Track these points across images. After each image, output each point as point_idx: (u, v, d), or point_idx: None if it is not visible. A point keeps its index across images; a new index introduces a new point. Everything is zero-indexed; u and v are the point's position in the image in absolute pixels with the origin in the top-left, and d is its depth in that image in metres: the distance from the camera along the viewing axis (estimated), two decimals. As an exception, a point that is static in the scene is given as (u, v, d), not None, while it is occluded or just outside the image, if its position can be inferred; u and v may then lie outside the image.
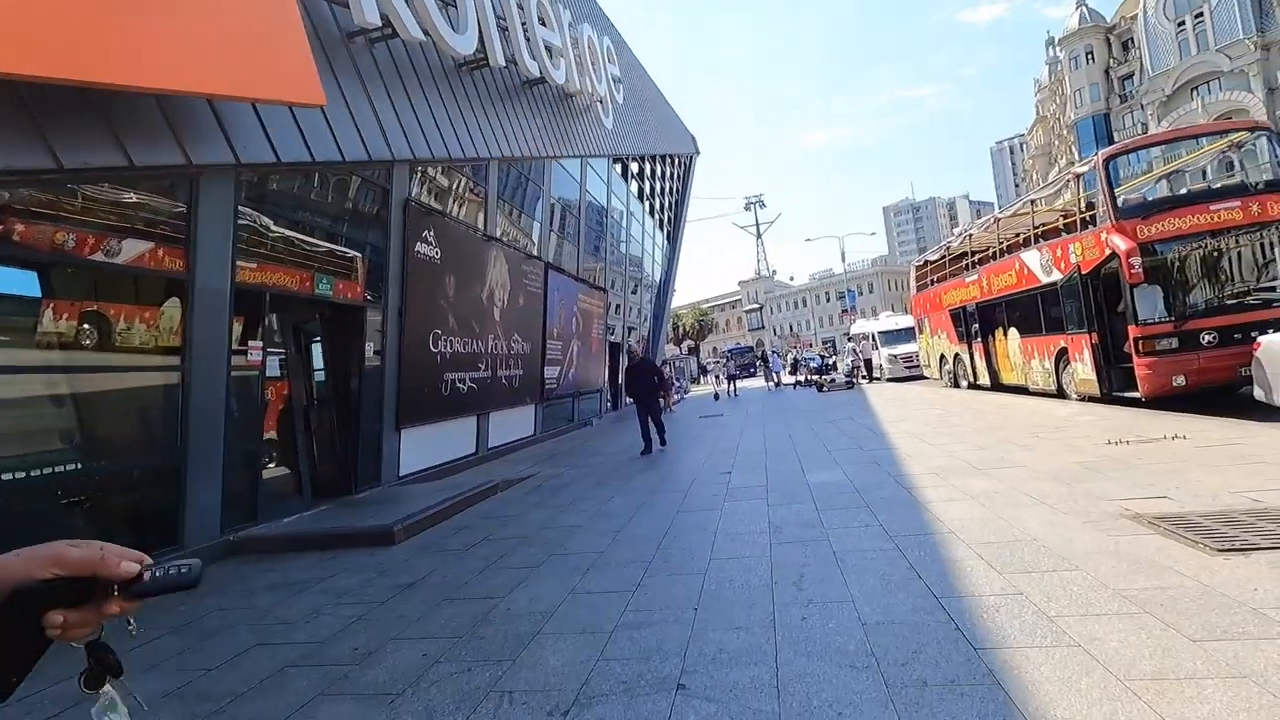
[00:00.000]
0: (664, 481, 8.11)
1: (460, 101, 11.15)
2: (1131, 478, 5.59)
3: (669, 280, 35.11)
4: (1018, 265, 13.11)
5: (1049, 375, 12.31)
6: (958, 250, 17.16)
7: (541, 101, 14.89)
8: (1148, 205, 9.98)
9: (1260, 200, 9.19)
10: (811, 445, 9.69)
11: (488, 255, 12.03)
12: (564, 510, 6.94)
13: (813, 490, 6.54)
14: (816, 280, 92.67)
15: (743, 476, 7.73)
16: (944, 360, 18.52)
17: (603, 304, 20.55)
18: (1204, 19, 46.93)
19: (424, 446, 10.07)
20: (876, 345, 27.20)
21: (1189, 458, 6.06)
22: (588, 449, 12.66)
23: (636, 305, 27.63)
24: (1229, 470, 5.46)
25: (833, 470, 7.52)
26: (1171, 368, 9.15)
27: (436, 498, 7.69)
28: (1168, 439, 7.05)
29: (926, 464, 7.23)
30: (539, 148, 14.33)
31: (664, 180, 32.78)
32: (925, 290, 19.62)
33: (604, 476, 8.90)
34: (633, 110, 23.62)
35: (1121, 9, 53.70)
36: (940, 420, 10.91)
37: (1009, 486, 5.78)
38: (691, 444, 11.76)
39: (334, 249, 8.21)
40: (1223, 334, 9.02)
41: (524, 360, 13.82)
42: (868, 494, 6.10)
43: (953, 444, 8.44)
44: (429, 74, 10.15)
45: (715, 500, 6.56)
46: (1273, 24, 44.41)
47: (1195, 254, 9.25)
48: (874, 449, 8.78)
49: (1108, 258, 9.81)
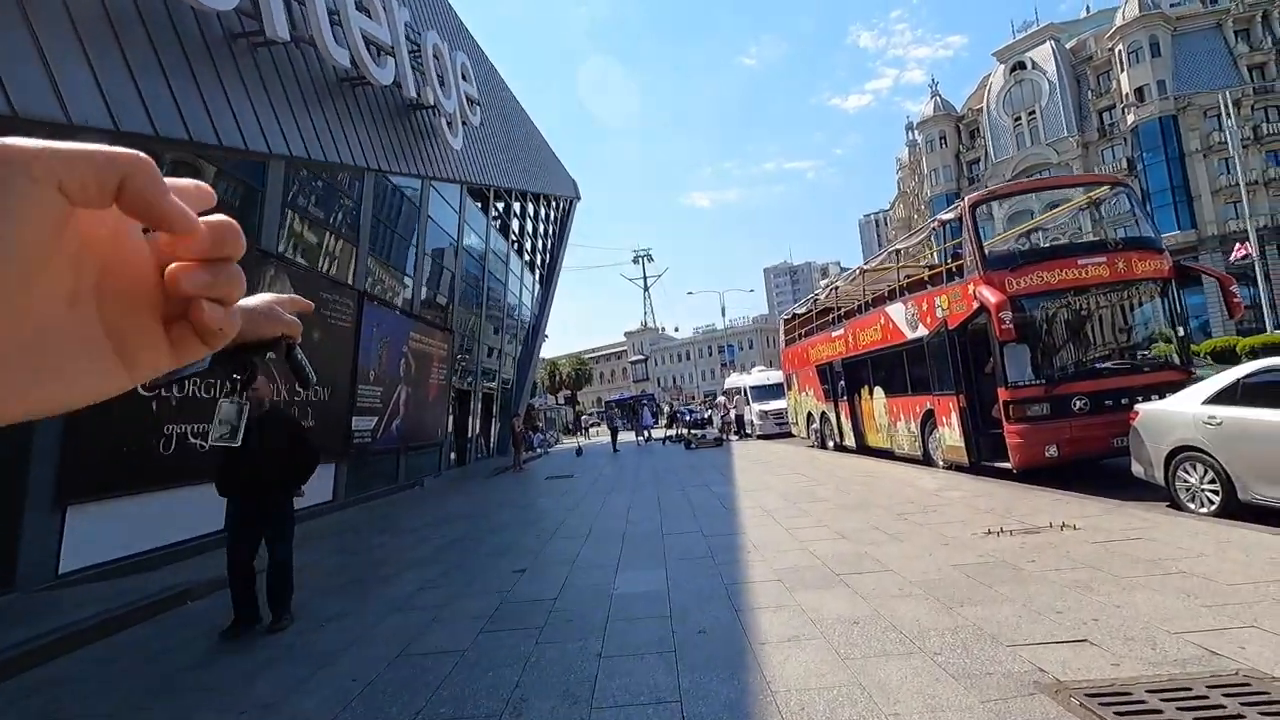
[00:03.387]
0: (422, 592, 5.86)
1: (229, 79, 8.78)
2: (1030, 598, 4.04)
3: (540, 325, 33.06)
4: (883, 320, 12.20)
5: (915, 439, 11.27)
6: (824, 304, 16.38)
7: (369, 107, 12.69)
8: (1016, 256, 9.19)
9: (1125, 257, 8.56)
10: (646, 526, 7.79)
11: (259, 275, 9.46)
12: (238, 654, 4.53)
13: (611, 610, 4.55)
14: (699, 334, 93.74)
15: (534, 583, 5.63)
16: (811, 419, 17.54)
17: (446, 345, 18.09)
18: (1036, 116, 52.53)
19: (122, 528, 7.22)
20: (748, 400, 26.31)
21: (1092, 563, 4.66)
22: (399, 522, 10.09)
23: (496, 347, 25.27)
24: (1150, 588, 4.04)
25: (655, 570, 5.60)
26: (1044, 436, 8.13)
27: (61, 620, 5.01)
28: (1056, 528, 5.73)
29: (774, 564, 5.47)
30: (357, 156, 12.04)
31: (539, 221, 31.08)
32: (794, 345, 18.76)
33: (360, 572, 6.53)
34: (499, 141, 21.83)
35: (969, 101, 59.35)
36: (801, 492, 9.40)
37: (873, 611, 4.07)
38: (506, 523, 9.56)
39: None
40: (1094, 400, 8.14)
41: (319, 409, 11.14)
42: (683, 622, 4.19)
43: (810, 529, 6.81)
44: (168, 29, 7.76)
45: (465, 632, 4.42)
46: (1090, 126, 50.32)
47: (1065, 311, 8.44)
48: (718, 534, 6.99)
49: (975, 312, 8.84)
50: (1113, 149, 48.12)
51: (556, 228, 33.98)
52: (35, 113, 5.91)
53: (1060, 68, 50.90)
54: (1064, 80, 50.73)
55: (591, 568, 5.89)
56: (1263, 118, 43.33)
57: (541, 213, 30.97)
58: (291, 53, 10.23)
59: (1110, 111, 48.70)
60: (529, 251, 30.13)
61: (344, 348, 12.17)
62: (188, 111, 7.89)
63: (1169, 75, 44.45)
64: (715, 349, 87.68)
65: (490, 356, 24.63)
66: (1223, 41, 45.22)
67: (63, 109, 6.16)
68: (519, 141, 24.74)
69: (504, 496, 12.41)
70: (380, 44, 11.93)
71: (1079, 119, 50.36)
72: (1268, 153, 42.98)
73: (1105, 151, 48.80)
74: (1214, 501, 6.03)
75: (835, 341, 14.88)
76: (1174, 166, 44.22)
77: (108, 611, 5.28)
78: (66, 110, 6.19)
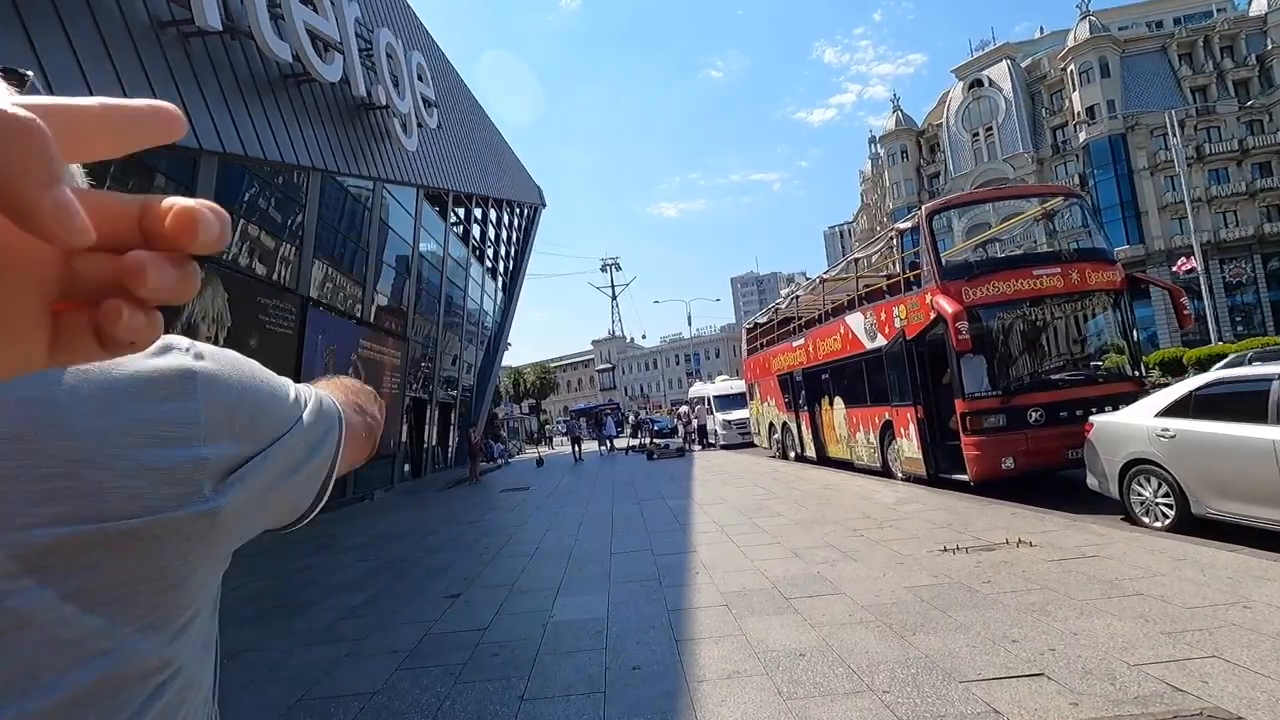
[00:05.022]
0: (342, 622, 5.42)
1: (154, 69, 8.26)
2: (985, 624, 3.82)
3: (502, 333, 32.50)
4: (842, 329, 12.09)
5: (874, 451, 11.14)
6: (785, 313, 16.27)
7: (315, 105, 12.18)
8: (973, 265, 9.12)
9: (1079, 268, 8.54)
10: (595, 544, 7.44)
11: (187, 277, 8.89)
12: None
13: (544, 642, 4.20)
14: (667, 343, 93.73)
15: (466, 611, 5.24)
16: (773, 429, 17.39)
17: (399, 353, 17.50)
18: (993, 133, 53.88)
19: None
20: (712, 410, 26.13)
21: (1049, 583, 4.47)
22: (339, 540, 9.55)
23: (456, 355, 24.67)
24: (1108, 612, 3.85)
25: (597, 594, 5.26)
26: (1000, 448, 8.03)
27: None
28: (1012, 545, 5.56)
29: (723, 586, 5.18)
30: (301, 156, 11.51)
31: (502, 227, 30.57)
32: (756, 354, 18.62)
33: (281, 598, 6.05)
34: (459, 145, 21.35)
35: (929, 116, 60.64)
36: (757, 506, 9.16)
37: (822, 641, 3.80)
38: (448, 542, 9.12)
39: None
40: (1049, 411, 8.07)
41: (255, 420, 10.54)
42: (618, 656, 3.86)
43: (764, 546, 6.55)
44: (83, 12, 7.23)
45: (379, 670, 4.02)
46: (1044, 143, 51.84)
47: (1020, 321, 8.37)
48: (668, 552, 6.68)
49: (933, 322, 8.74)
50: (1065, 165, 49.56)
51: (520, 234, 33.48)
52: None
53: (1016, 86, 52.35)
54: (1019, 98, 52.17)
55: (530, 592, 5.52)
56: (1205, 137, 45.13)
57: (504, 218, 30.47)
58: (228, 44, 9.71)
59: (1063, 129, 50.24)
60: (491, 258, 29.60)
61: (285, 355, 11.58)
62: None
63: (1118, 95, 46.03)
64: (682, 358, 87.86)
65: (449, 365, 24.03)
66: (1168, 64, 47.05)
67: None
68: (480, 146, 24.28)
69: (454, 511, 11.93)
70: (326, 39, 11.43)
71: (1034, 135, 51.84)
72: (1210, 171, 44.74)
73: (1059, 167, 50.25)
74: (1168, 516, 5.93)
75: (796, 351, 14.75)
76: (1123, 183, 45.76)
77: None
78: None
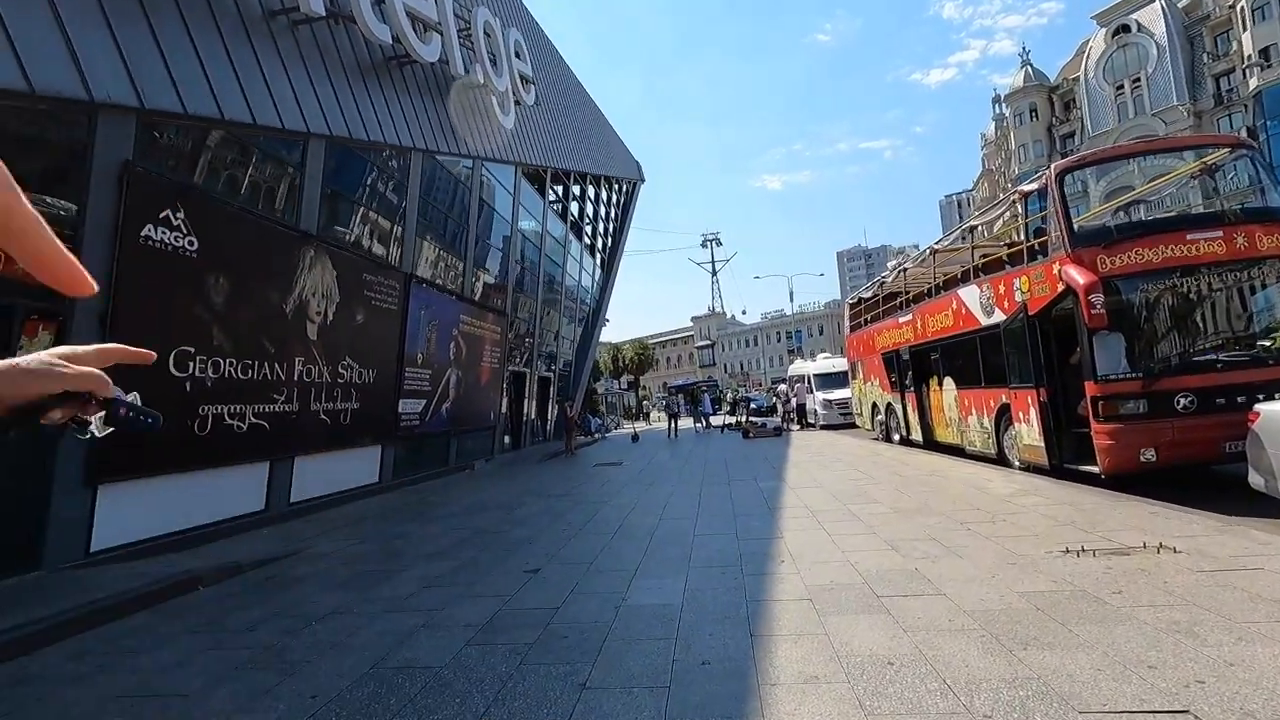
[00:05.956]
0: (424, 592, 5.52)
1: (265, 57, 8.69)
2: (1114, 643, 3.29)
3: (600, 309, 32.80)
4: (955, 304, 11.13)
5: (988, 436, 10.23)
6: (892, 287, 15.26)
7: (415, 85, 12.53)
8: (1111, 231, 8.04)
9: (1246, 230, 7.31)
10: (679, 525, 7.25)
11: (297, 256, 9.40)
12: (221, 650, 4.30)
13: (614, 626, 4.05)
14: (768, 320, 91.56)
15: (542, 587, 5.20)
16: (876, 410, 16.49)
17: (499, 328, 17.97)
18: (1141, 84, 48.08)
19: (157, 506, 7.25)
20: (812, 389, 25.23)
21: (1197, 599, 3.82)
22: (435, 509, 9.95)
23: (554, 331, 25.13)
24: (1274, 639, 3.20)
25: (674, 578, 5.06)
26: (1140, 438, 7.08)
27: (69, 602, 4.95)
28: (1151, 550, 4.84)
29: (808, 579, 4.84)
30: (402, 136, 11.89)
31: (600, 204, 30.70)
32: (859, 331, 17.67)
33: (373, 564, 6.29)
34: (556, 122, 21.48)
35: (1064, 70, 54.98)
36: (855, 491, 8.63)
37: (914, 649, 3.41)
38: (535, 514, 9.22)
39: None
40: (1203, 397, 7.01)
41: (363, 391, 11.12)
42: (688, 648, 3.64)
43: (857, 535, 6.11)
44: (201, 5, 7.67)
45: (450, 644, 4.02)
46: (1204, 93, 45.67)
47: (1168, 294, 7.29)
48: (754, 537, 6.38)
49: (1061, 295, 7.80)
50: (1230, 118, 43.50)
51: (618, 210, 33.51)
52: (55, 89, 5.85)
53: (1171, 29, 46.33)
54: (1175, 43, 46.15)
55: (607, 572, 5.41)
56: None
57: (602, 195, 30.56)
58: (333, 29, 10.10)
59: (1229, 76, 43.99)
60: (589, 234, 29.82)
61: (390, 330, 12.12)
62: (220, 89, 7.79)
63: (1301, 32, 39.67)
64: (783, 335, 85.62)
65: (549, 340, 24.52)
66: (1369, -8, 39.93)
67: (84, 85, 6.08)
68: (577, 122, 24.32)
69: (545, 484, 12.13)
70: (425, 20, 11.67)
71: (1191, 86, 45.77)
72: None
73: (1222, 121, 44.18)
74: (1357, 525, 4.97)
75: (903, 328, 13.82)
76: (1304, 135, 39.55)
77: (118, 595, 5.20)
78: (88, 86, 6.12)
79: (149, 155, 7.18)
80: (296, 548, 7.18)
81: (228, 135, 8.42)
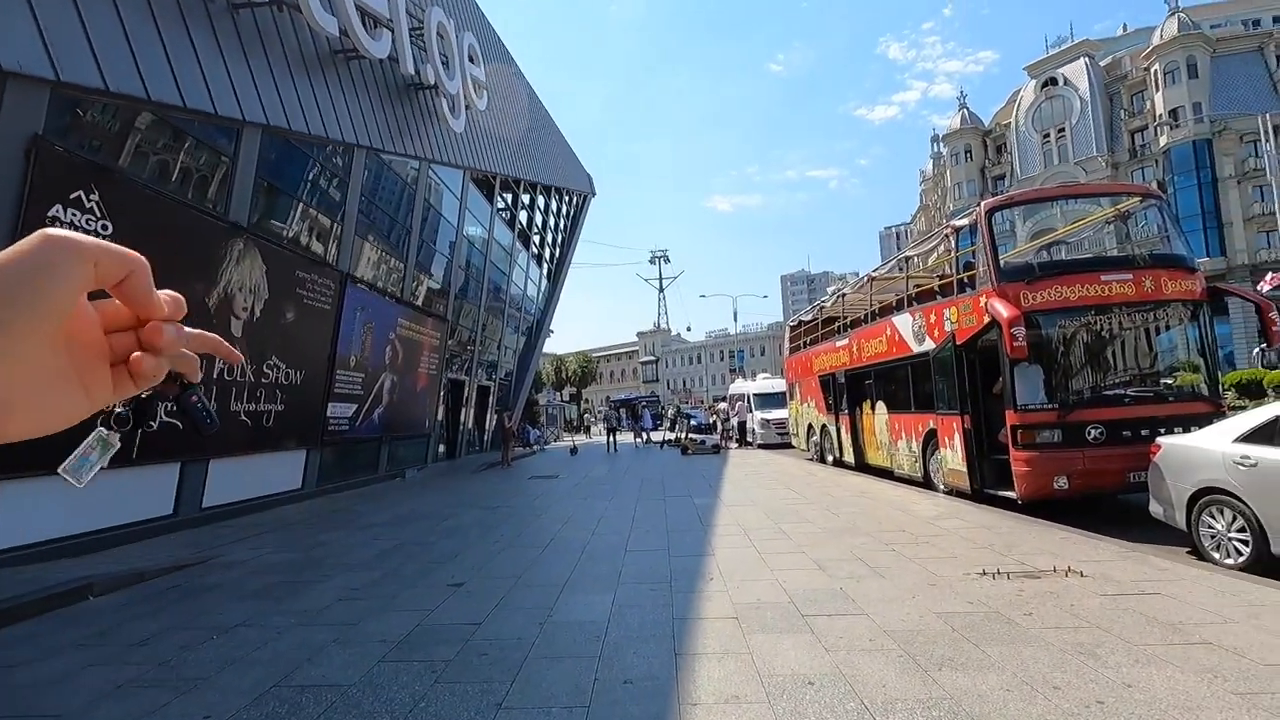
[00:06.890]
0: (339, 604, 5.28)
1: (200, 39, 8.29)
2: (1022, 664, 3.39)
3: (545, 319, 32.53)
4: (889, 331, 11.51)
5: (916, 460, 10.57)
6: (831, 311, 15.67)
7: (362, 81, 12.19)
8: (1034, 268, 8.48)
9: (1153, 274, 7.83)
10: (611, 540, 7.17)
11: (225, 248, 8.95)
12: (105, 666, 3.98)
13: (537, 643, 3.95)
14: (711, 338, 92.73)
15: (465, 602, 5.04)
16: (811, 431, 16.83)
17: (439, 334, 17.57)
18: (1065, 134, 51.29)
19: (53, 507, 6.71)
20: (751, 408, 25.60)
21: (1100, 621, 3.99)
22: (360, 518, 9.55)
23: (496, 339, 24.73)
24: (1169, 661, 3.37)
25: (603, 594, 4.99)
26: (1054, 466, 7.43)
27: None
28: (1060, 573, 5.06)
29: (736, 596, 4.84)
30: (345, 132, 11.54)
31: (549, 214, 30.54)
32: (798, 353, 18.05)
33: (287, 574, 5.97)
34: (508, 130, 21.28)
35: (998, 115, 58.17)
36: (787, 510, 8.75)
37: (834, 668, 3.44)
38: (466, 525, 8.99)
39: None
40: (1111, 429, 7.43)
41: (289, 392, 10.64)
42: (610, 667, 3.57)
43: (787, 554, 6.17)
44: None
45: (362, 660, 3.83)
46: (1120, 146, 49.07)
47: (1084, 330, 7.72)
48: (686, 554, 6.37)
49: (986, 326, 8.15)
50: (1143, 170, 46.84)
51: (568, 221, 33.41)
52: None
53: (1093, 85, 49.72)
54: (1096, 98, 49.52)
55: (535, 587, 5.29)
56: (1302, 145, 41.90)
57: (552, 205, 30.42)
58: (276, 16, 9.74)
59: (1142, 133, 47.47)
60: (537, 244, 29.60)
61: (322, 331, 11.67)
62: (148, 68, 7.38)
63: (1205, 97, 43.20)
64: (726, 354, 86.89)
65: (489, 348, 24.12)
66: (1264, 65, 43.88)
67: None
68: (530, 132, 24.18)
69: (479, 495, 11.85)
70: (376, 15, 11.41)
71: (1109, 139, 49.15)
72: (1305, 182, 41.56)
73: (1135, 173, 47.49)
74: (1243, 553, 5.32)
75: (839, 352, 14.18)
76: (1206, 191, 42.97)
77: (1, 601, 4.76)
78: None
79: (67, 132, 6.74)
80: (207, 555, 6.77)
81: (157, 118, 7.98)
